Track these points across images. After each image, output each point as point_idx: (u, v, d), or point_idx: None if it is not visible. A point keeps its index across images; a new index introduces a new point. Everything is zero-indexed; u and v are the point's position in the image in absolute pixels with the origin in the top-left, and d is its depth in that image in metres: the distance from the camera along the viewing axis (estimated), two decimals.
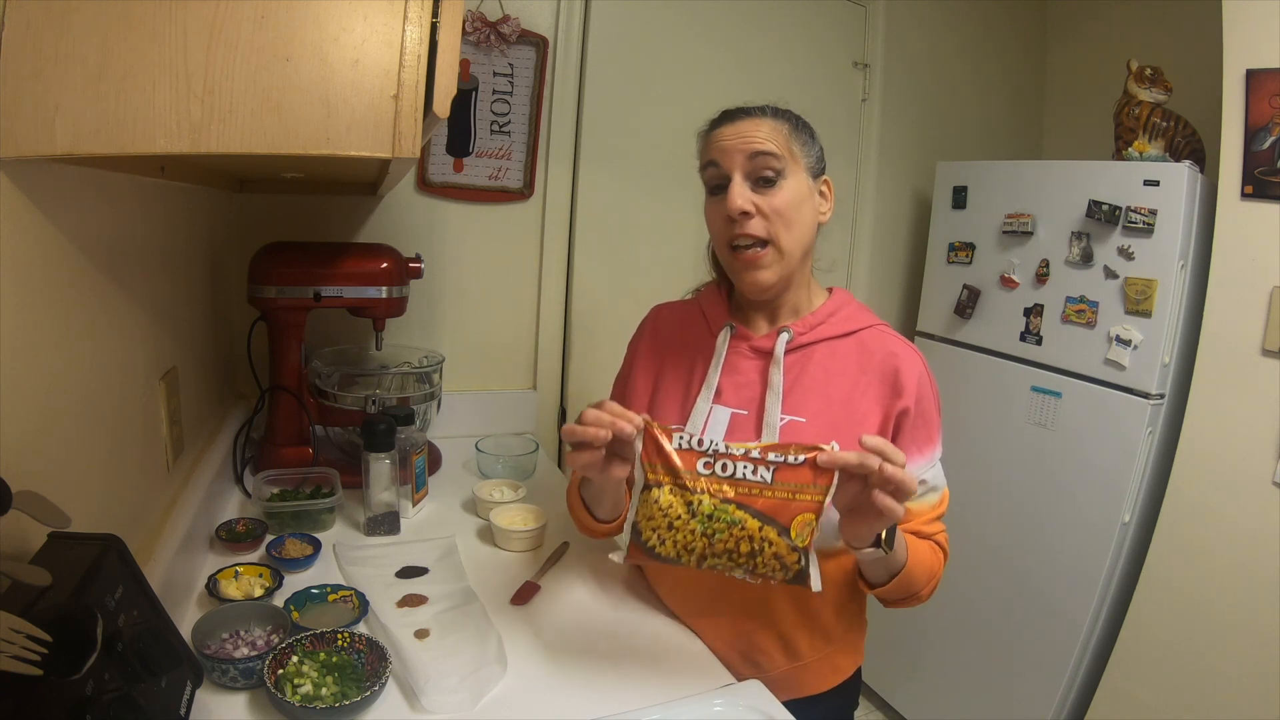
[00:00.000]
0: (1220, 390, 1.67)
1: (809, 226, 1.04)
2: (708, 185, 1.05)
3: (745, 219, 0.99)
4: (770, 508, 0.82)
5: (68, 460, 0.75)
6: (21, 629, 0.50)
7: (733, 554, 0.83)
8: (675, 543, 0.84)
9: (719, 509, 0.82)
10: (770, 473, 0.82)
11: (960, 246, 2.19)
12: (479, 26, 1.74)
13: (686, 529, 0.83)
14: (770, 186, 1.00)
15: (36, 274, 0.68)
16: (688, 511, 0.83)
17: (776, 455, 0.83)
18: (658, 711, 0.90)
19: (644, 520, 0.85)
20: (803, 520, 0.82)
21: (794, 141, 1.02)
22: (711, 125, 1.06)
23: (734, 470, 0.83)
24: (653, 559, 0.85)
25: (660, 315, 1.22)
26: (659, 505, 0.84)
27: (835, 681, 1.10)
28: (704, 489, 0.83)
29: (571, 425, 0.87)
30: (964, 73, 2.47)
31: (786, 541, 0.83)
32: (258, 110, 0.63)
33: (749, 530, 0.82)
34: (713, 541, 0.83)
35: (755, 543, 0.83)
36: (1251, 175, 1.60)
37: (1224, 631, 1.64)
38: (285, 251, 1.47)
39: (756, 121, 1.01)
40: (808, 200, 1.03)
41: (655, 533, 0.84)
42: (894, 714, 2.38)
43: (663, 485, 0.84)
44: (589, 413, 0.88)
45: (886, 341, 1.06)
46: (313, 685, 0.85)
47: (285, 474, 1.39)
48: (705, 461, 0.83)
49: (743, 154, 1.00)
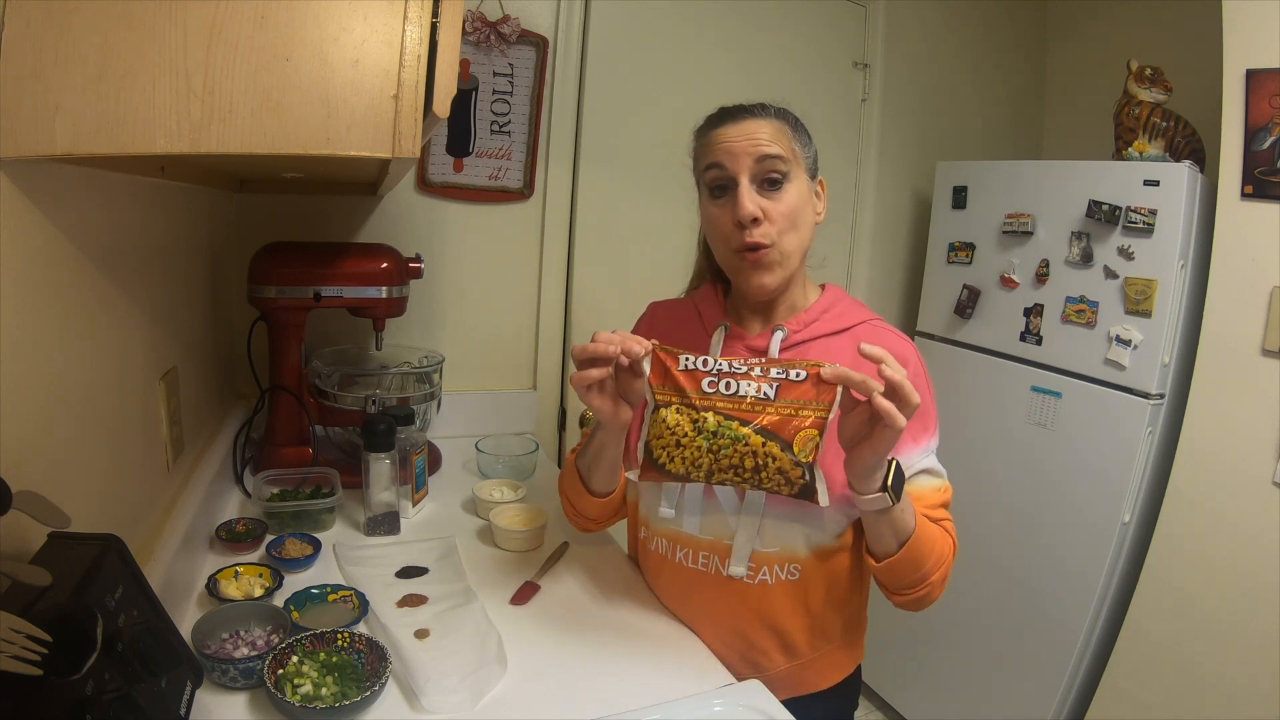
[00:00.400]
0: (1220, 390, 1.67)
1: (810, 228, 1.05)
2: (709, 186, 1.03)
3: (755, 225, 0.99)
4: (774, 424, 0.85)
5: (68, 460, 0.75)
6: (21, 629, 0.50)
7: (738, 469, 0.86)
8: (684, 459, 0.87)
9: (723, 425, 0.85)
10: (774, 389, 0.85)
11: (960, 246, 2.19)
12: (479, 26, 1.74)
13: (693, 445, 0.86)
14: (776, 189, 1.00)
15: (36, 274, 0.68)
16: (694, 429, 0.86)
17: (779, 371, 0.86)
18: (658, 711, 0.90)
19: (654, 439, 0.88)
20: (805, 435, 0.85)
21: (795, 143, 1.03)
22: (711, 124, 1.05)
23: (737, 388, 0.86)
24: (664, 475, 0.89)
25: (656, 312, 1.22)
26: (666, 424, 0.87)
27: (835, 679, 1.10)
28: (709, 406, 0.86)
29: (581, 345, 0.91)
30: (964, 73, 2.47)
31: (790, 456, 0.85)
32: (258, 110, 0.63)
33: (753, 445, 0.85)
34: (718, 457, 0.86)
35: (759, 458, 0.85)
36: (1251, 175, 1.60)
37: (1224, 631, 1.64)
38: (285, 251, 1.47)
39: (759, 122, 1.01)
40: (809, 202, 1.04)
41: (665, 450, 0.88)
42: (894, 714, 2.38)
43: (670, 405, 0.87)
44: (600, 333, 0.91)
45: (881, 335, 1.06)
46: (313, 685, 0.85)
47: (285, 474, 1.39)
48: (710, 380, 0.86)
49: (750, 156, 0.99)
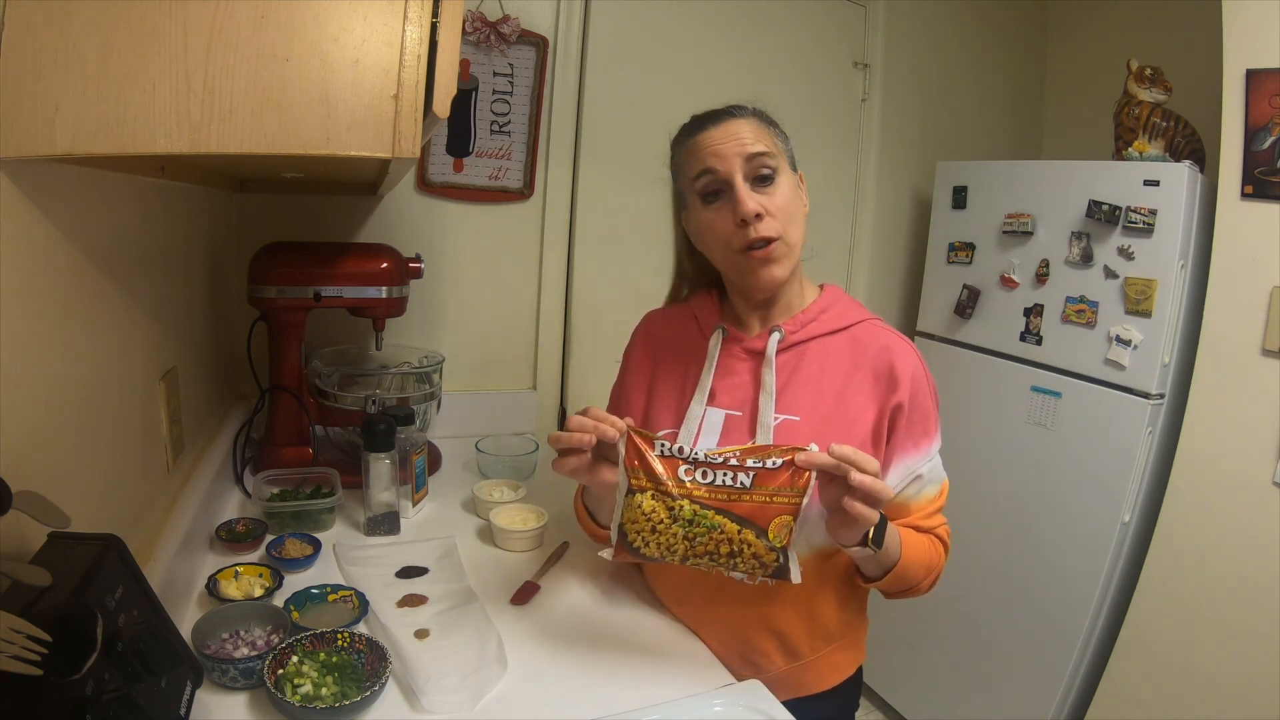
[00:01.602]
0: (1220, 390, 1.67)
1: (803, 219, 1.05)
2: (700, 194, 1.02)
3: (759, 221, 0.99)
4: (749, 511, 0.86)
5: (68, 460, 0.75)
6: (21, 629, 0.50)
7: (713, 555, 0.88)
8: (658, 544, 0.88)
9: (699, 514, 0.86)
10: (749, 478, 0.86)
11: (960, 246, 2.19)
12: (479, 26, 1.74)
13: (669, 532, 0.87)
14: (769, 184, 1.00)
15: (36, 274, 0.68)
16: (669, 516, 0.87)
17: (755, 461, 0.86)
18: (658, 711, 0.90)
19: (629, 523, 0.89)
20: (780, 522, 0.86)
21: (776, 138, 1.03)
22: (690, 132, 1.04)
23: (713, 477, 0.86)
24: (638, 558, 0.90)
25: (652, 322, 1.21)
26: (641, 510, 0.88)
27: (835, 680, 1.10)
28: (684, 494, 0.87)
29: (556, 432, 0.92)
30: (964, 73, 2.47)
31: (765, 543, 0.86)
32: (258, 110, 0.63)
33: (728, 534, 0.86)
34: (694, 544, 0.87)
35: (734, 544, 0.87)
36: (1251, 175, 1.60)
37: (1223, 631, 1.64)
38: (285, 251, 1.47)
39: (739, 122, 1.01)
40: (798, 194, 1.05)
41: (639, 535, 0.89)
42: (894, 714, 2.38)
43: (645, 490, 0.88)
44: (573, 419, 0.92)
45: (880, 335, 1.05)
46: (313, 685, 0.85)
47: (285, 474, 1.39)
48: (685, 468, 0.87)
49: (739, 156, 0.99)
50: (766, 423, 1.01)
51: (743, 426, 1.03)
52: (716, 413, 1.05)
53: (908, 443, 1.01)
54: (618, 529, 0.90)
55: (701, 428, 1.04)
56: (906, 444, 1.01)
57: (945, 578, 1.05)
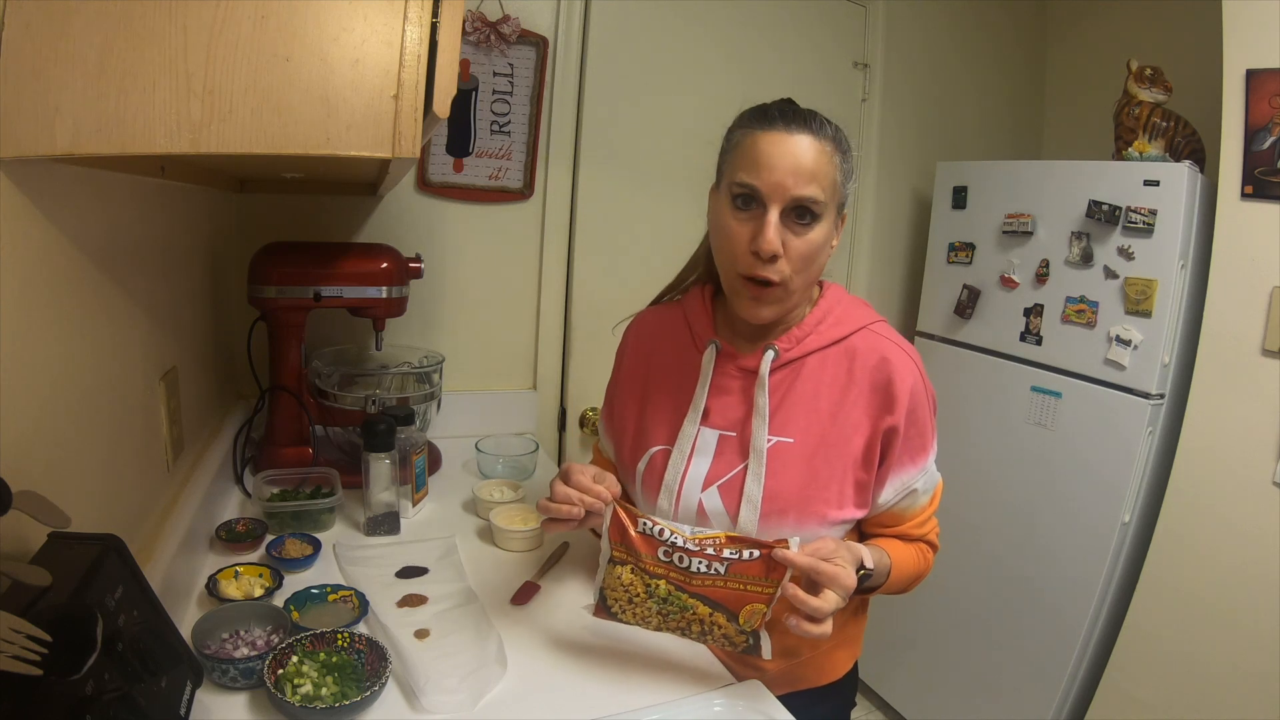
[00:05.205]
0: (1220, 390, 1.67)
1: (822, 266, 1.00)
2: (732, 192, 0.95)
3: (772, 262, 0.93)
4: (722, 597, 0.89)
5: (68, 460, 0.75)
6: (21, 629, 0.50)
7: (685, 630, 0.92)
8: (634, 614, 0.93)
9: (673, 595, 0.90)
10: (724, 567, 0.88)
11: (960, 246, 2.19)
12: (479, 26, 1.74)
13: (644, 605, 0.92)
14: (803, 224, 0.94)
15: (37, 274, 0.68)
16: (645, 592, 0.91)
17: (732, 552, 0.88)
18: (658, 711, 0.90)
19: (608, 589, 0.93)
20: (752, 609, 0.89)
21: (839, 173, 0.95)
22: (755, 123, 0.95)
23: (689, 564, 0.89)
24: (616, 620, 0.95)
25: (643, 325, 1.18)
26: (620, 581, 0.92)
27: (833, 676, 1.10)
28: (661, 574, 0.90)
29: (544, 501, 0.95)
30: (964, 73, 2.47)
31: (735, 626, 0.90)
32: (258, 110, 0.63)
33: (699, 615, 0.90)
34: (667, 619, 0.92)
35: (705, 625, 0.91)
36: (1251, 175, 1.60)
37: (1224, 631, 1.64)
38: (285, 251, 1.47)
39: (809, 142, 0.92)
40: (830, 240, 0.98)
41: (617, 602, 0.93)
42: (893, 713, 2.38)
43: (625, 564, 0.91)
44: (559, 490, 0.95)
45: (878, 345, 1.01)
46: (313, 685, 0.85)
47: (285, 474, 1.39)
48: (664, 551, 0.90)
49: (788, 190, 0.91)
50: (760, 447, 0.99)
51: (736, 448, 1.02)
52: (710, 433, 1.04)
53: (904, 459, 1.00)
54: (599, 592, 0.94)
55: (695, 448, 1.04)
56: (904, 460, 1.00)
57: (945, 577, 1.06)
